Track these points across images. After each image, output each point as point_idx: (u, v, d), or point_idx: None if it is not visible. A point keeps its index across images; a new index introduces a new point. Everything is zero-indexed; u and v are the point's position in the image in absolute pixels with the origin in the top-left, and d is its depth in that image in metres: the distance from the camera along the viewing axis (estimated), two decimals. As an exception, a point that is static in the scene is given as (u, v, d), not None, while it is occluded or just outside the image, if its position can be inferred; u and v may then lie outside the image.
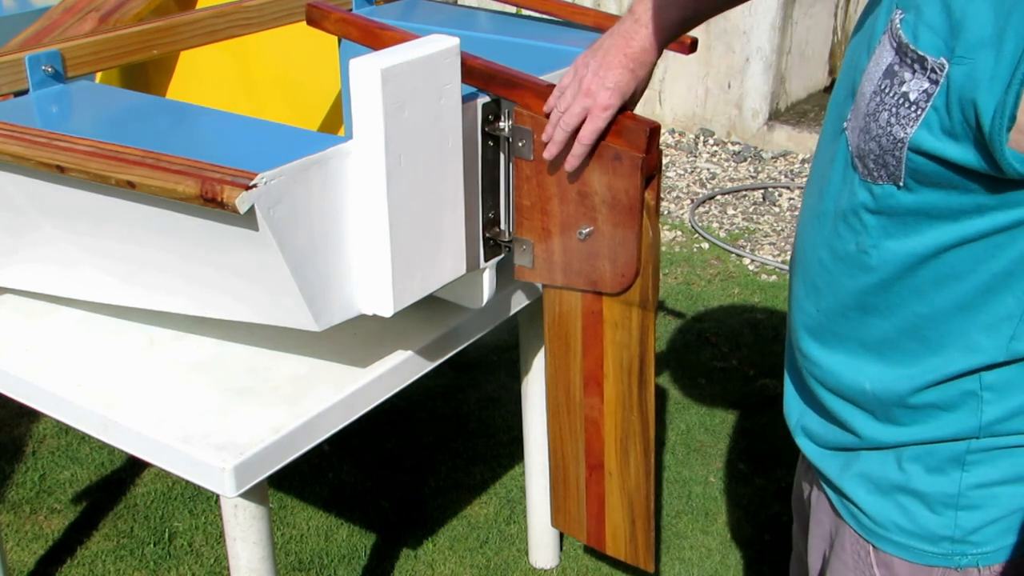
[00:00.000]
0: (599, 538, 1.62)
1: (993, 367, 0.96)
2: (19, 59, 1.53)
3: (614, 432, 1.51)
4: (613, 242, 1.37)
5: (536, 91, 1.37)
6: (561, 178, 1.37)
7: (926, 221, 0.91)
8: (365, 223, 1.32)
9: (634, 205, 1.34)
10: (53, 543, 2.30)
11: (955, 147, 0.85)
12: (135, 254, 1.42)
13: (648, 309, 1.40)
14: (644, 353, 1.43)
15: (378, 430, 2.65)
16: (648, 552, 1.58)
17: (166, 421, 1.39)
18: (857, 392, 1.03)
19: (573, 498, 1.62)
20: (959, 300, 0.94)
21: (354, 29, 1.50)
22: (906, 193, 0.91)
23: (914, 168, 0.89)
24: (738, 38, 4.48)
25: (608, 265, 1.39)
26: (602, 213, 1.36)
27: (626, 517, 1.57)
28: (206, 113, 1.48)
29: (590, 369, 1.49)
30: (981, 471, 1.00)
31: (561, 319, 1.49)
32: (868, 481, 1.06)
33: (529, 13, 1.97)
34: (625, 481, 1.54)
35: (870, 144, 0.91)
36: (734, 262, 3.54)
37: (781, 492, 2.43)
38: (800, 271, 1.08)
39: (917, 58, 0.86)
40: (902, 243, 0.94)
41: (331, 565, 2.24)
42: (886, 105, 0.89)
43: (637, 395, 1.47)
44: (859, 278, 0.98)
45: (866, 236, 0.96)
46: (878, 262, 0.96)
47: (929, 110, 0.86)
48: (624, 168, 1.32)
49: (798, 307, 1.08)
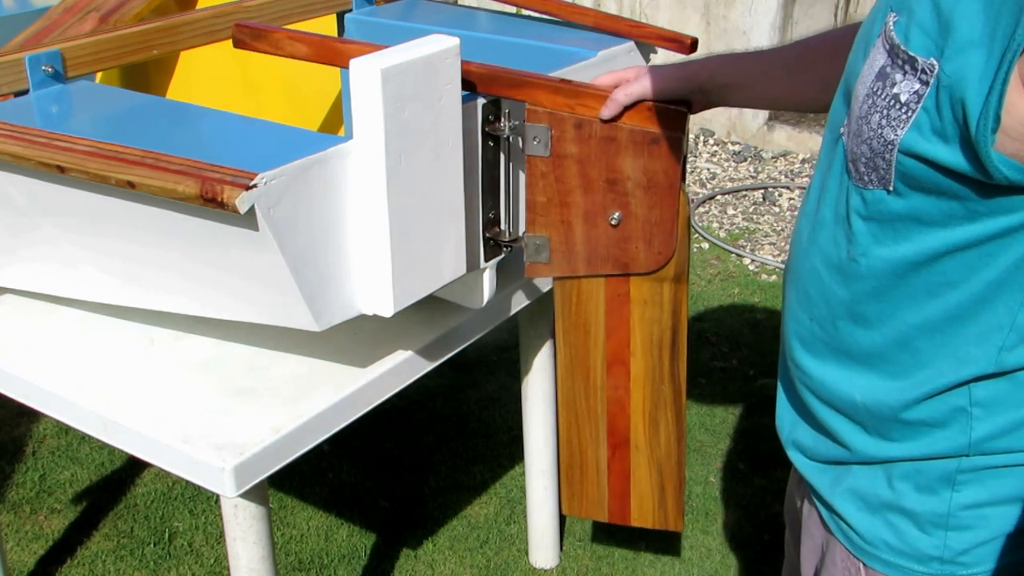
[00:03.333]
0: (623, 513, 1.66)
1: (982, 379, 0.95)
2: (19, 59, 1.53)
3: (642, 406, 1.54)
4: (649, 223, 1.41)
5: (550, 87, 1.37)
6: (585, 168, 1.39)
7: (916, 227, 0.91)
8: (365, 223, 1.32)
9: (674, 184, 1.38)
10: (53, 543, 2.30)
11: (945, 149, 0.85)
12: (135, 254, 1.42)
13: (682, 282, 1.44)
14: (677, 324, 1.47)
15: (378, 430, 2.65)
16: (679, 514, 1.63)
17: (166, 421, 1.39)
18: (848, 404, 1.03)
19: (592, 481, 1.64)
20: (951, 310, 0.93)
21: (304, 46, 1.38)
22: (896, 198, 0.90)
23: (904, 172, 0.88)
24: (738, 38, 4.48)
25: (642, 246, 1.42)
26: (636, 197, 1.39)
27: (655, 486, 1.61)
28: (206, 113, 1.48)
29: (614, 350, 1.51)
30: (971, 491, 0.99)
31: (579, 308, 1.50)
32: (858, 498, 1.05)
33: (529, 13, 1.97)
34: (654, 451, 1.57)
35: (862, 147, 0.91)
36: (734, 262, 3.54)
37: (781, 492, 2.42)
38: (794, 279, 1.07)
39: (908, 59, 0.86)
40: (892, 250, 0.93)
41: (331, 565, 2.24)
42: (877, 107, 0.89)
43: (669, 367, 1.50)
44: (850, 287, 0.98)
45: (856, 244, 0.95)
46: (868, 270, 0.95)
47: (920, 111, 0.85)
48: (662, 150, 1.35)
49: (791, 316, 1.08)
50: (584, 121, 1.37)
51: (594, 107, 1.36)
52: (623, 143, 1.36)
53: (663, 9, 4.65)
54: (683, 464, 1.58)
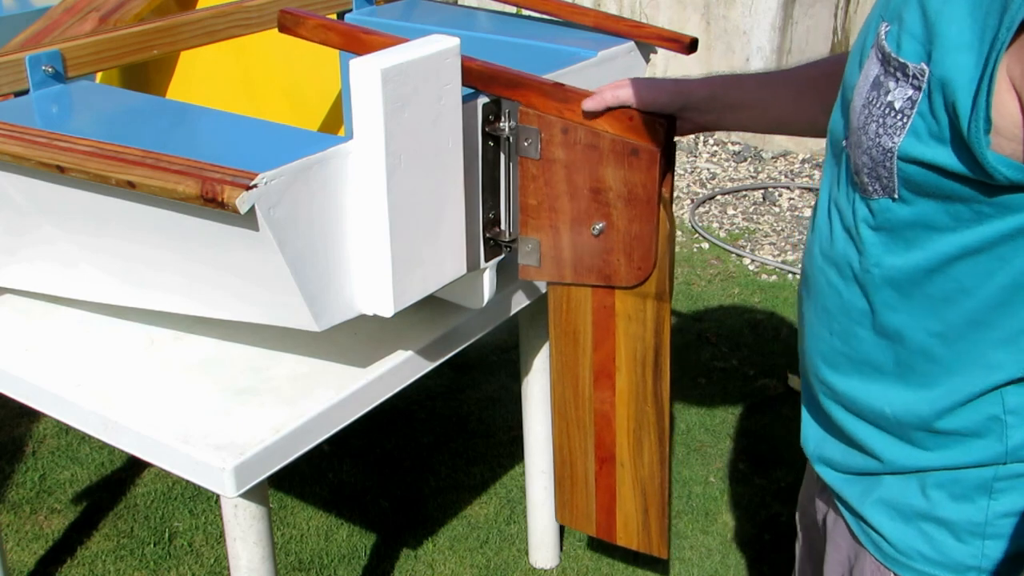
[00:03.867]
0: (609, 530, 1.63)
1: (1013, 383, 0.94)
2: (19, 59, 1.53)
3: (627, 424, 1.52)
4: (629, 236, 1.38)
5: (541, 90, 1.37)
6: (571, 175, 1.38)
7: (925, 234, 0.91)
8: (365, 223, 1.32)
9: (652, 199, 1.35)
10: (53, 543, 2.30)
11: (944, 152, 0.85)
12: (135, 254, 1.42)
13: (664, 301, 1.42)
14: (659, 344, 1.45)
15: (378, 430, 2.65)
16: (662, 539, 1.60)
17: (166, 421, 1.39)
18: (878, 416, 1.02)
19: (581, 492, 1.62)
20: (971, 316, 0.93)
21: (335, 35, 1.46)
22: (902, 206, 0.90)
23: (906, 178, 0.88)
24: (738, 38, 4.48)
25: (623, 259, 1.40)
26: (617, 208, 1.37)
27: (639, 506, 1.58)
28: (206, 113, 1.48)
29: (601, 363, 1.50)
30: (1009, 499, 0.98)
31: (569, 316, 1.49)
32: (890, 508, 1.04)
33: (529, 13, 1.97)
34: (638, 471, 1.55)
35: (863, 158, 0.91)
36: (734, 262, 3.54)
37: (781, 492, 2.43)
38: (810, 297, 1.07)
39: (899, 65, 0.86)
40: (904, 259, 0.93)
41: (331, 565, 2.24)
42: (874, 116, 0.89)
43: (652, 386, 1.48)
44: (868, 298, 0.97)
45: (867, 254, 0.95)
46: (882, 280, 0.95)
47: (915, 116, 0.85)
48: (641, 162, 1.33)
49: (812, 334, 1.07)
50: (571, 126, 1.36)
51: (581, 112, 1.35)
52: (605, 152, 1.35)
53: (663, 9, 4.65)
54: (667, 487, 1.55)
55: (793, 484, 2.43)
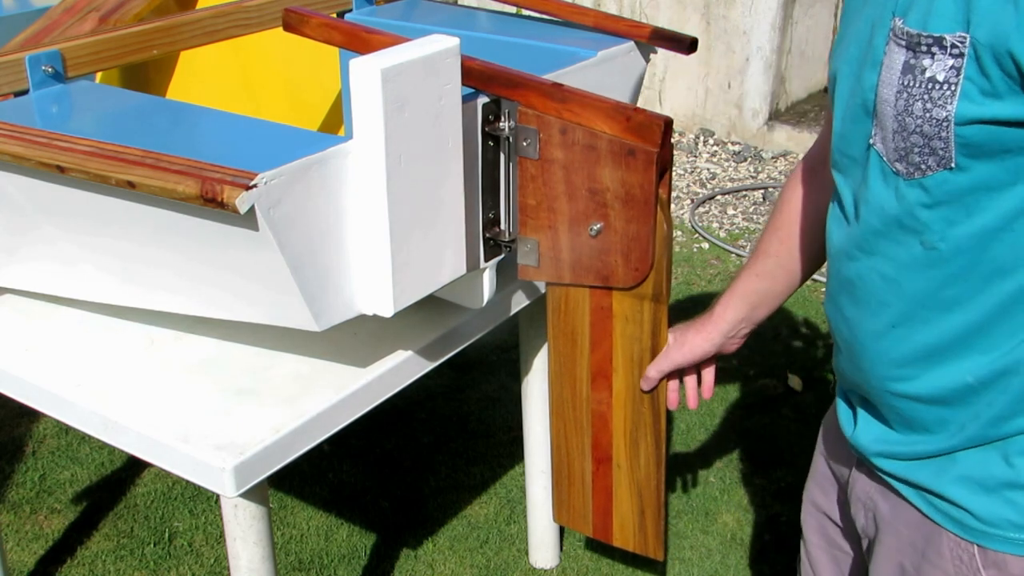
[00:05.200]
0: (606, 531, 1.63)
1: None
2: (19, 59, 1.53)
3: (623, 425, 1.52)
4: (626, 237, 1.39)
5: (541, 90, 1.37)
6: (570, 175, 1.38)
7: (986, 196, 0.93)
8: (365, 223, 1.32)
9: (649, 200, 1.35)
10: (53, 543, 2.30)
11: (1002, 105, 0.88)
12: (135, 254, 1.42)
13: (661, 302, 1.42)
14: (656, 346, 1.44)
15: (378, 430, 2.65)
16: (658, 541, 1.60)
17: (166, 421, 1.39)
18: (960, 392, 1.03)
19: (578, 493, 1.62)
20: None
21: (338, 34, 1.47)
22: (959, 174, 0.93)
23: (965, 143, 0.91)
24: (738, 38, 4.48)
25: (620, 260, 1.40)
26: (614, 209, 1.37)
27: (635, 508, 1.58)
28: (206, 113, 1.48)
29: (598, 364, 1.50)
30: None
31: (567, 316, 1.49)
32: (971, 482, 1.05)
33: (529, 13, 1.97)
34: (635, 472, 1.55)
35: (911, 139, 0.94)
36: (734, 262, 3.54)
37: (781, 492, 2.43)
38: (854, 303, 1.08)
39: (934, 40, 0.90)
40: (969, 225, 0.95)
41: (331, 565, 2.24)
42: (915, 96, 0.92)
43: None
44: (933, 275, 0.99)
45: (930, 232, 0.97)
46: (951, 252, 0.97)
47: (963, 82, 0.89)
48: (638, 163, 1.33)
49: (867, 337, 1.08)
50: (569, 126, 1.36)
51: (580, 113, 1.35)
52: (602, 152, 1.35)
53: (663, 9, 4.65)
54: (663, 490, 1.55)
55: (793, 484, 2.43)
